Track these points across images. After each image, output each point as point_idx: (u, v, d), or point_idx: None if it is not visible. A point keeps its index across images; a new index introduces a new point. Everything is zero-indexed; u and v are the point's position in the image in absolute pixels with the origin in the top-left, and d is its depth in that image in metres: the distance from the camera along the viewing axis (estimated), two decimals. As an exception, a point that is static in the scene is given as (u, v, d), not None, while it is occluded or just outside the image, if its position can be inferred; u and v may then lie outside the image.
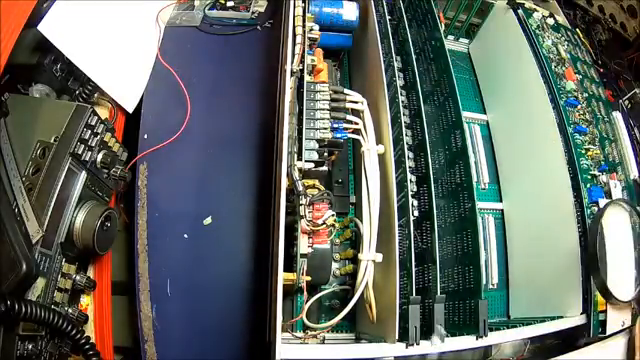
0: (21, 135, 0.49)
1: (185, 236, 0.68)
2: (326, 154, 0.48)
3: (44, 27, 0.53)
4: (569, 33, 0.75)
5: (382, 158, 0.50)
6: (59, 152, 0.50)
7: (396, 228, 0.45)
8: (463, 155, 0.54)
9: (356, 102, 0.53)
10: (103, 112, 0.64)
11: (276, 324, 0.38)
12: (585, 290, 0.52)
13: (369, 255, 0.47)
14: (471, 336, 0.44)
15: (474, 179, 0.53)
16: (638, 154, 0.65)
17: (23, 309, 0.40)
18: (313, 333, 0.52)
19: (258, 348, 0.62)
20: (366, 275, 0.46)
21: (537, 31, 0.71)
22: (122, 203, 0.70)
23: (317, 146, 0.47)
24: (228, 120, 0.77)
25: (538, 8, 0.76)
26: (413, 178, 0.49)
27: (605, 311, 0.52)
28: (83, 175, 0.54)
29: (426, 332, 0.42)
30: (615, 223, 0.53)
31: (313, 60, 0.55)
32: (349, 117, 0.52)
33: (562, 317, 0.53)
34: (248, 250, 0.68)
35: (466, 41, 0.87)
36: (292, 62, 0.51)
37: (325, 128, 0.48)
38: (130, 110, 0.69)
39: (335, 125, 0.49)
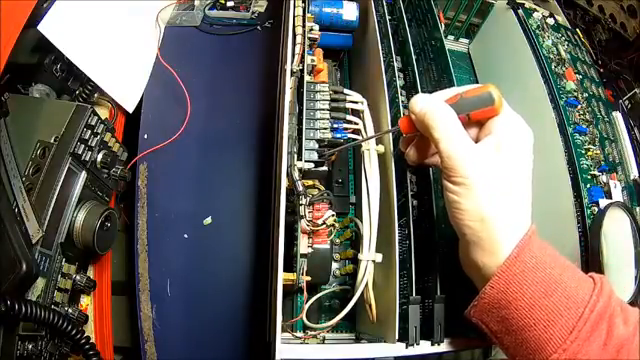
0: (21, 135, 0.49)
1: (185, 236, 0.68)
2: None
3: (44, 27, 0.53)
4: (569, 33, 0.75)
5: (382, 158, 0.50)
6: (59, 152, 0.50)
7: (396, 228, 0.45)
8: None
9: (356, 102, 0.53)
10: (103, 112, 0.64)
11: (276, 324, 0.38)
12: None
13: (369, 255, 0.47)
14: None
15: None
16: (638, 154, 0.65)
17: (23, 309, 0.40)
18: (313, 333, 0.52)
19: (258, 348, 0.62)
20: (366, 275, 0.46)
21: (537, 31, 0.71)
22: (122, 203, 0.70)
23: (317, 146, 0.47)
24: (228, 120, 0.77)
25: (538, 8, 0.76)
26: (413, 178, 0.49)
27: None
28: (83, 175, 0.54)
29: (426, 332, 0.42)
30: (615, 224, 0.53)
31: (313, 60, 0.55)
32: (349, 117, 0.52)
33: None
34: (248, 250, 0.68)
35: (466, 41, 0.87)
36: (292, 62, 0.51)
37: (325, 128, 0.48)
38: (130, 110, 0.69)
39: (335, 125, 0.49)
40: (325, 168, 0.47)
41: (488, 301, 0.35)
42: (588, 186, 0.57)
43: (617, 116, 0.67)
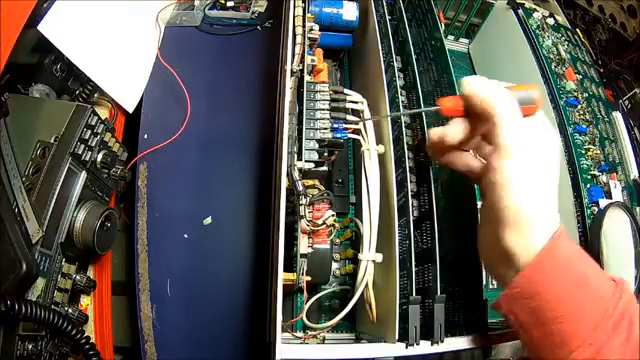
0: (21, 135, 0.49)
1: (185, 236, 0.68)
2: (326, 154, 0.48)
3: (44, 27, 0.53)
4: (569, 33, 0.75)
5: (382, 158, 0.50)
6: (59, 152, 0.50)
7: (396, 228, 0.45)
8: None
9: (356, 102, 0.53)
10: (103, 112, 0.64)
11: (276, 324, 0.38)
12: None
13: (369, 255, 0.47)
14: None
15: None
16: (638, 154, 0.65)
17: (23, 309, 0.40)
18: (313, 333, 0.52)
19: (258, 348, 0.62)
20: (366, 275, 0.46)
21: (537, 31, 0.71)
22: (122, 203, 0.70)
23: (317, 146, 0.47)
24: (228, 120, 0.77)
25: (538, 8, 0.76)
26: (413, 178, 0.49)
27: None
28: (83, 175, 0.54)
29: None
30: (615, 224, 0.53)
31: (313, 60, 0.55)
32: (349, 117, 0.52)
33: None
34: (248, 250, 0.68)
35: (466, 41, 0.87)
36: (292, 62, 0.51)
37: (325, 128, 0.48)
38: (130, 110, 0.69)
39: (335, 125, 0.49)
40: (325, 168, 0.48)
41: (519, 290, 0.35)
42: (588, 186, 0.57)
43: (617, 116, 0.67)
